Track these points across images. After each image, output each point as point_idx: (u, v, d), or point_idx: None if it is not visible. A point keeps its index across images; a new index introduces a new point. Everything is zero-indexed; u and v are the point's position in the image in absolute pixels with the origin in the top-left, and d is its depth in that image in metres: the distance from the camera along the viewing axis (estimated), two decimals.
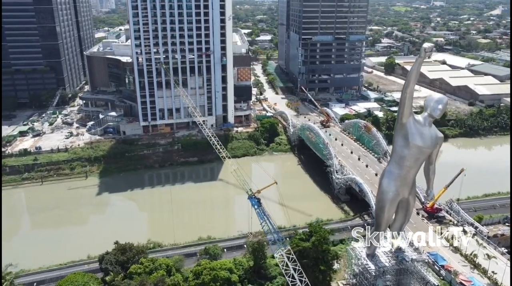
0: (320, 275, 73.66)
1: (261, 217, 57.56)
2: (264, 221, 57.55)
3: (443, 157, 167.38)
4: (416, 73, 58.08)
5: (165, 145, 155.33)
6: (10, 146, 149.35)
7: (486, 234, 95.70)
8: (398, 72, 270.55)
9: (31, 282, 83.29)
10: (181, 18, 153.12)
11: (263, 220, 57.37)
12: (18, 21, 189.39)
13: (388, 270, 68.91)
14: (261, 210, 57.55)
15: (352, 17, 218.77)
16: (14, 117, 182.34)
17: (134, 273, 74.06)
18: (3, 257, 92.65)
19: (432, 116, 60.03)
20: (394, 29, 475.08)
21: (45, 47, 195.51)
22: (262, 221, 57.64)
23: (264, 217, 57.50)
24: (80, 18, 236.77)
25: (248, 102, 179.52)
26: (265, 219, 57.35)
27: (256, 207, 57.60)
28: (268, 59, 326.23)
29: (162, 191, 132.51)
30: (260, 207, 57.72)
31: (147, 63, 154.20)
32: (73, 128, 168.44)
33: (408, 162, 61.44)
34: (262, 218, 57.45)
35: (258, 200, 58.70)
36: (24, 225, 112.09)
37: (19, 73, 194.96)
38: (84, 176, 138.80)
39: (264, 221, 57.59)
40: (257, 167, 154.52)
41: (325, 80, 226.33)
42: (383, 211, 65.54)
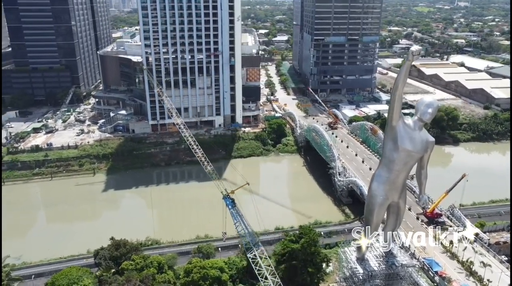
0: (308, 277, 73.70)
1: (234, 217, 58.23)
2: (238, 221, 58.13)
3: (453, 161, 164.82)
4: (404, 77, 57.20)
5: (172, 144, 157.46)
6: (23, 142, 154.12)
7: (486, 241, 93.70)
8: (414, 74, 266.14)
9: (30, 274, 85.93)
10: (190, 18, 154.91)
11: (236, 220, 58.05)
12: (36, 21, 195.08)
13: (377, 275, 68.40)
14: (235, 210, 58.22)
15: (366, 18, 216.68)
16: (30, 114, 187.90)
17: (126, 269, 75.56)
18: (7, 249, 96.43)
19: (422, 120, 59.22)
20: (414, 30, 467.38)
21: (61, 46, 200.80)
22: (236, 221, 58.31)
23: (237, 218, 58.12)
24: (97, 18, 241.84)
25: (257, 102, 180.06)
26: (239, 219, 57.88)
27: (230, 207, 58.27)
28: (283, 60, 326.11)
29: (166, 189, 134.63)
30: (234, 208, 58.29)
31: (156, 63, 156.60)
32: (85, 125, 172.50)
33: (397, 165, 60.64)
34: (235, 218, 58.12)
35: (232, 200, 59.27)
36: (30, 219, 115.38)
37: (36, 72, 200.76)
38: (92, 173, 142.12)
39: (238, 222, 58.15)
40: (263, 168, 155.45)
41: (337, 81, 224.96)
42: (372, 214, 64.96)
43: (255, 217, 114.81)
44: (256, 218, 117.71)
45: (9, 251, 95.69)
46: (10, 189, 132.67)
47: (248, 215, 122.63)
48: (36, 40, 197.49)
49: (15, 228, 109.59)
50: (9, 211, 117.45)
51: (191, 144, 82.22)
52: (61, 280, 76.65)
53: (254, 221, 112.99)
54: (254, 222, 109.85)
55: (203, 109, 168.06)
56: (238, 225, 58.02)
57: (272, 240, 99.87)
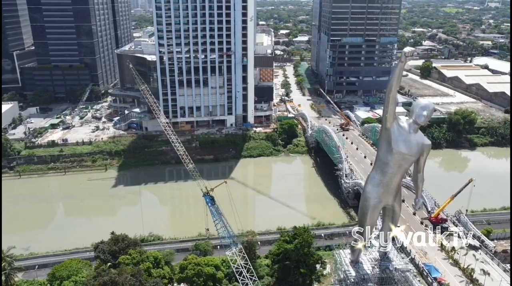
0: (300, 278, 73.54)
1: (214, 214, 58.77)
2: (217, 219, 58.66)
3: (468, 165, 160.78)
4: (397, 78, 56.14)
5: (183, 142, 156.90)
6: (41, 137, 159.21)
7: (492, 248, 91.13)
8: (434, 76, 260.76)
9: (34, 265, 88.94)
10: (203, 18, 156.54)
11: (215, 217, 58.53)
12: (57, 21, 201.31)
13: (370, 278, 67.72)
14: (215, 208, 58.73)
15: (384, 18, 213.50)
16: (50, 111, 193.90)
17: (122, 263, 77.20)
18: (18, 239, 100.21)
19: (417, 123, 58.14)
20: (439, 31, 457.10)
21: (81, 45, 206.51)
22: (215, 219, 58.81)
23: (216, 215, 58.63)
24: (118, 18, 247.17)
25: (269, 103, 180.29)
26: (218, 217, 58.42)
27: (210, 204, 58.79)
28: (301, 60, 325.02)
29: (173, 187, 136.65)
30: (214, 205, 58.86)
31: (169, 62, 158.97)
32: (101, 122, 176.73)
33: (391, 168, 59.79)
34: (214, 215, 58.66)
35: (212, 198, 59.85)
36: (41, 212, 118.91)
37: (57, 70, 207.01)
38: (104, 169, 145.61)
39: (217, 219, 58.67)
40: (272, 168, 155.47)
41: (353, 82, 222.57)
42: (365, 217, 64.38)
43: (246, 217, 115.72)
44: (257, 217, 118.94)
45: (19, 242, 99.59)
46: (25, 182, 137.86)
47: (255, 214, 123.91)
48: (57, 39, 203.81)
49: (26, 220, 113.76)
50: (22, 204, 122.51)
51: (174, 141, 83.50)
52: (62, 271, 79.09)
53: (251, 220, 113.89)
54: (250, 221, 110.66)
55: (215, 109, 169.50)
56: (218, 223, 58.58)
57: (273, 240, 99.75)
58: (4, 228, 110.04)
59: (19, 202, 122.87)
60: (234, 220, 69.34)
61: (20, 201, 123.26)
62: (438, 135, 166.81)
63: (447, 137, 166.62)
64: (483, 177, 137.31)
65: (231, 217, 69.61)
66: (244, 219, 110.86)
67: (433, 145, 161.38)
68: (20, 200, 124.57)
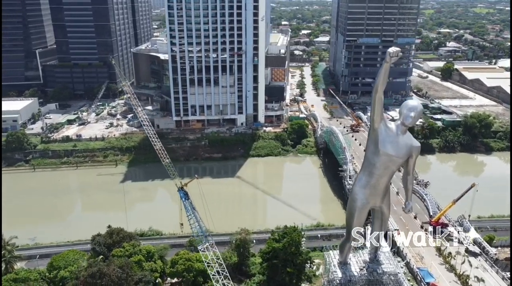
0: (286, 277, 73.67)
1: (187, 209, 59.70)
2: (190, 214, 59.59)
3: (483, 170, 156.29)
4: (383, 79, 55.11)
5: (193, 140, 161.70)
6: (57, 132, 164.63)
7: (493, 255, 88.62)
8: (455, 78, 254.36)
9: (35, 255, 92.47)
10: (214, 18, 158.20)
11: (189, 212, 59.46)
12: (78, 20, 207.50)
13: (356, 280, 67.27)
14: (188, 202, 59.65)
15: (402, 19, 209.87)
16: (69, 107, 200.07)
17: (115, 256, 79.32)
18: (26, 230, 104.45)
19: (404, 124, 57.34)
20: (466, 32, 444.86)
21: (100, 43, 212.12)
22: (188, 214, 59.72)
23: (190, 210, 59.54)
24: (138, 17, 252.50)
25: (280, 102, 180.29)
26: (191, 212, 59.36)
27: (184, 199, 59.78)
28: (320, 61, 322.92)
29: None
30: (188, 200, 59.82)
31: (181, 61, 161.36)
32: (115, 119, 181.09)
33: (378, 170, 59.03)
34: (188, 210, 59.59)
35: (186, 193, 60.81)
36: (48, 204, 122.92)
37: (76, 67, 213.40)
38: (114, 164, 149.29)
39: (191, 214, 59.61)
40: (278, 167, 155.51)
41: (368, 83, 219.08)
42: (352, 218, 63.77)
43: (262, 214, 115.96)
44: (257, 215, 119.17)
45: (26, 232, 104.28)
46: (38, 175, 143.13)
47: (254, 212, 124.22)
48: (77, 37, 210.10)
49: (35, 211, 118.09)
50: (32, 196, 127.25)
51: (152, 136, 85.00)
52: (59, 261, 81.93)
53: (251, 218, 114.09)
54: (249, 219, 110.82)
55: (226, 108, 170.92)
56: (191, 218, 59.51)
57: (269, 238, 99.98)
58: (13, 218, 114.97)
59: (30, 194, 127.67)
60: (205, 216, 69.93)
61: (31, 193, 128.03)
62: (452, 139, 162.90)
63: (461, 141, 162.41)
64: (496, 182, 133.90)
65: (204, 214, 70.35)
66: (243, 217, 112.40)
67: (447, 149, 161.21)
68: (31, 192, 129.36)
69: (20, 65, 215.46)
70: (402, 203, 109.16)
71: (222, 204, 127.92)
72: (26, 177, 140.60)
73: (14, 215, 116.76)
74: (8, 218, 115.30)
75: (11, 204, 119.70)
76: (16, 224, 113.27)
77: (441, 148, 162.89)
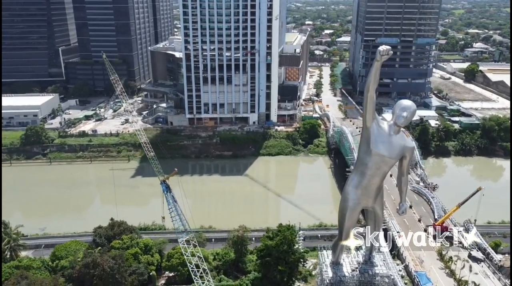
0: (278, 275, 73.75)
1: (169, 203, 60.64)
2: (171, 207, 60.56)
3: (502, 174, 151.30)
4: (374, 78, 54.48)
5: (204, 138, 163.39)
6: (74, 127, 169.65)
7: (497, 261, 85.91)
8: (479, 80, 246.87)
9: (41, 244, 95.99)
10: (228, 17, 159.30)
11: (170, 205, 60.40)
12: (99, 18, 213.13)
13: (347, 281, 66.77)
14: (170, 195, 60.60)
15: (422, 18, 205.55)
16: (89, 103, 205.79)
17: (114, 247, 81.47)
18: (35, 220, 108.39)
19: (397, 124, 56.48)
20: (495, 33, 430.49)
21: (120, 41, 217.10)
22: (170, 206, 60.65)
23: (171, 203, 60.46)
24: (159, 16, 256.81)
25: (293, 102, 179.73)
26: (173, 205, 60.29)
27: (165, 192, 60.82)
28: (341, 61, 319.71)
29: (188, 180, 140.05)
30: (170, 193, 60.80)
31: (195, 60, 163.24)
32: (131, 116, 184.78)
33: (370, 170, 58.35)
34: (169, 203, 60.54)
35: (168, 186, 61.80)
36: (60, 196, 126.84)
37: (97, 64, 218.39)
38: (127, 159, 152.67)
39: (172, 207, 60.57)
40: (288, 167, 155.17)
41: (386, 84, 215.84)
42: (344, 218, 63.36)
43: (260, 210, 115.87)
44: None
45: (37, 222, 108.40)
46: (54, 168, 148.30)
47: (257, 210, 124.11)
48: (98, 35, 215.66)
49: (47, 203, 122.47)
50: (47, 188, 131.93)
51: (139, 129, 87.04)
52: (61, 251, 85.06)
53: (254, 216, 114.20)
54: (252, 217, 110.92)
55: (238, 106, 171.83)
56: (172, 211, 60.55)
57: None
58: (26, 209, 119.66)
59: (44, 186, 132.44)
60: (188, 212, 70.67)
61: (45, 186, 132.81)
62: (469, 142, 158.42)
63: (479, 144, 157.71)
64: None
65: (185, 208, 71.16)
66: (246, 215, 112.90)
67: (463, 152, 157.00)
68: (46, 184, 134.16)
69: (44, 62, 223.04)
70: (407, 206, 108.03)
71: (227, 201, 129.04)
72: (42, 170, 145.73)
73: (27, 205, 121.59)
74: (20, 209, 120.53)
75: (25, 195, 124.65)
76: (28, 214, 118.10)
77: (457, 151, 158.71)
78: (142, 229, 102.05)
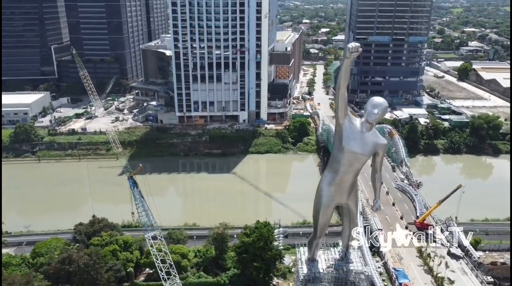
0: (254, 271, 74.04)
1: (135, 198, 60.98)
2: (138, 202, 60.90)
3: (490, 172, 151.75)
4: (345, 75, 54.41)
5: (194, 136, 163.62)
6: (64, 126, 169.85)
7: (476, 258, 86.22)
8: (472, 78, 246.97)
9: (22, 242, 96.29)
10: (217, 15, 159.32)
11: (137, 201, 60.75)
12: (91, 16, 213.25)
13: (322, 277, 67.03)
14: (137, 191, 60.94)
15: (414, 17, 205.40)
16: (80, 101, 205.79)
17: (93, 244, 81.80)
18: (20, 218, 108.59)
19: (368, 121, 56.50)
20: (492, 31, 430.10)
21: (112, 40, 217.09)
22: (137, 202, 61.00)
23: (138, 199, 60.79)
24: (152, 14, 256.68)
25: (284, 100, 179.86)
26: (139, 200, 60.65)
27: (132, 187, 61.17)
28: (336, 59, 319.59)
29: (175, 178, 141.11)
30: (137, 189, 61.14)
31: (184, 58, 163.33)
32: (121, 114, 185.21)
33: (343, 167, 58.48)
34: (136, 199, 60.88)
35: (134, 182, 62.11)
36: (46, 194, 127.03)
37: (89, 63, 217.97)
38: (115, 157, 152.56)
39: (139, 202, 60.91)
40: (276, 165, 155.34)
41: (378, 82, 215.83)
42: (318, 215, 63.62)
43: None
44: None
45: (22, 220, 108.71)
46: (42, 166, 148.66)
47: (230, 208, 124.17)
48: (91, 34, 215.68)
49: (32, 201, 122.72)
50: (34, 186, 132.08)
51: (109, 130, 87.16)
52: (41, 248, 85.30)
53: (238, 214, 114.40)
54: (236, 215, 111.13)
55: (228, 104, 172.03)
56: (139, 206, 60.91)
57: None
58: (12, 206, 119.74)
59: (31, 184, 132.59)
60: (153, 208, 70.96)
61: (32, 184, 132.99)
62: (458, 140, 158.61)
63: (467, 142, 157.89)
64: (500, 184, 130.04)
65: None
66: (230, 212, 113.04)
67: (452, 150, 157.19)
68: (33, 183, 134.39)
69: (37, 60, 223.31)
70: (390, 203, 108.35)
71: (213, 199, 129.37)
72: (31, 168, 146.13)
73: (13, 203, 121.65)
74: (6, 206, 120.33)
75: (12, 193, 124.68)
76: (14, 212, 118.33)
77: (446, 149, 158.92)
78: (125, 226, 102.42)
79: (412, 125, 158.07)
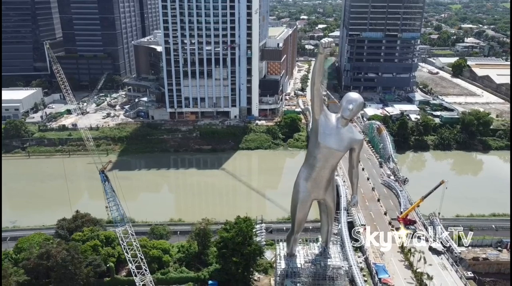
0: (233, 266, 74.27)
1: (107, 192, 61.30)
2: (109, 196, 61.24)
3: (480, 169, 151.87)
4: (318, 71, 54.37)
5: (184, 132, 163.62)
6: (55, 121, 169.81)
7: (457, 254, 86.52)
8: (466, 75, 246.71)
9: (6, 237, 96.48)
10: (208, 11, 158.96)
11: (108, 195, 61.07)
12: (84, 12, 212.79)
13: (300, 272, 67.27)
14: (108, 185, 61.27)
15: (407, 13, 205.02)
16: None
17: (75, 239, 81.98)
18: (7, 214, 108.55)
19: (343, 117, 56.36)
20: (489, 28, 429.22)
21: (104, 36, 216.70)
22: (108, 196, 61.31)
23: (109, 193, 61.10)
24: (146, 10, 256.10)
25: (276, 96, 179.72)
26: (111, 195, 61.00)
27: (103, 182, 61.55)
28: (331, 55, 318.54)
29: (164, 174, 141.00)
30: (108, 183, 61.48)
31: (175, 53, 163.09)
32: (113, 110, 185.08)
33: (319, 162, 58.59)
34: (107, 193, 61.19)
35: (106, 176, 62.42)
36: (33, 190, 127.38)
37: (82, 59, 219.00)
38: (105, 153, 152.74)
39: (110, 197, 61.25)
40: (265, 160, 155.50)
41: (371, 79, 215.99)
42: (295, 211, 63.90)
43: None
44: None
45: (9, 216, 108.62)
46: (32, 162, 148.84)
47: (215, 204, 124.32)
48: (83, 30, 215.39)
49: (20, 196, 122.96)
50: (22, 182, 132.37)
51: (82, 128, 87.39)
52: (24, 243, 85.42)
53: (224, 209, 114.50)
54: (222, 210, 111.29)
55: (219, 100, 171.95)
56: (111, 200, 61.23)
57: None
58: None
59: (20, 180, 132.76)
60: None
61: (21, 179, 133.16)
62: (448, 136, 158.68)
63: (457, 139, 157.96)
64: (489, 181, 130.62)
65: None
66: (215, 208, 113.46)
67: (442, 146, 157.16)
68: (22, 178, 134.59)
69: (29, 56, 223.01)
70: (375, 199, 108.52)
71: (200, 194, 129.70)
72: (20, 163, 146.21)
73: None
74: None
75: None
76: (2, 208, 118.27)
77: (436, 145, 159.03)
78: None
79: (402, 121, 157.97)
